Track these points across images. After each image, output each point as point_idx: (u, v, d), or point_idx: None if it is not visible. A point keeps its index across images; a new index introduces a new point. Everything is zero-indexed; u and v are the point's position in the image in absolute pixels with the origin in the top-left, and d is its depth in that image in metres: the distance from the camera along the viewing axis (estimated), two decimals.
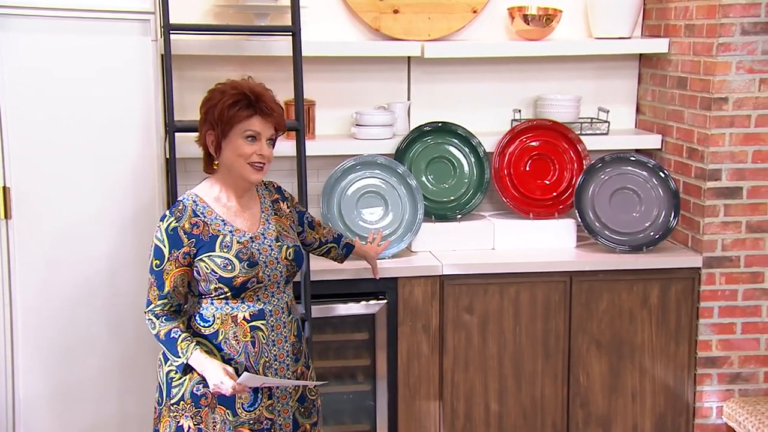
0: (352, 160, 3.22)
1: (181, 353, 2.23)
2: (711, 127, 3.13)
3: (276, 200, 2.44)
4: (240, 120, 2.25)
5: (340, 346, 3.16)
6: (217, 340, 2.27)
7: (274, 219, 2.38)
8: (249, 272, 2.25)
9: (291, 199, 2.50)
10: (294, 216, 2.49)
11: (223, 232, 2.27)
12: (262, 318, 2.29)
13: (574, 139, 3.39)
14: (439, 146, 3.34)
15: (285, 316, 2.33)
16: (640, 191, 3.28)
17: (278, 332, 2.31)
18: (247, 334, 2.27)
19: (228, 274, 2.24)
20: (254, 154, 2.26)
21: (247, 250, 2.26)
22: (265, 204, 2.39)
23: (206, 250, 2.25)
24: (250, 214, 2.34)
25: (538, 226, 3.34)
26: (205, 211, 2.29)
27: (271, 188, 2.46)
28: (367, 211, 3.19)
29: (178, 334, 2.24)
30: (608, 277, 3.17)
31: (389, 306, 3.07)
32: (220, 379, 2.18)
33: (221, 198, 2.31)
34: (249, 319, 2.27)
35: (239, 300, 2.27)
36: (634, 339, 3.22)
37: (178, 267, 2.25)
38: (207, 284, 2.26)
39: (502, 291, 3.14)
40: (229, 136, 2.26)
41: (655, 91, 3.51)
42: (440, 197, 3.34)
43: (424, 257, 3.19)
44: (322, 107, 3.38)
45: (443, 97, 3.47)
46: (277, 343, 2.31)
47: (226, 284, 2.25)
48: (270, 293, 2.31)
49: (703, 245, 3.21)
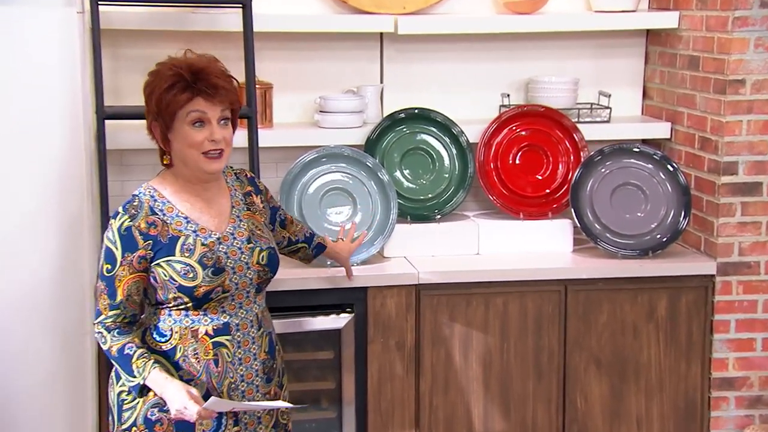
0: (315, 151, 3.21)
1: (136, 372, 2.22)
2: (726, 113, 3.14)
3: (248, 193, 2.43)
4: (180, 104, 2.24)
5: (300, 366, 3.14)
6: (174, 358, 2.27)
7: (246, 216, 2.37)
8: (214, 280, 2.25)
9: (265, 192, 2.50)
10: (267, 212, 2.49)
11: (185, 233, 2.27)
12: (226, 333, 2.28)
13: (571, 127, 3.40)
14: (416, 136, 3.35)
15: (254, 330, 2.33)
16: (646, 187, 3.29)
17: (246, 349, 2.31)
18: (208, 351, 2.27)
19: (189, 282, 2.23)
20: (206, 141, 2.25)
21: (212, 254, 2.26)
22: (235, 198, 2.38)
23: (165, 253, 2.24)
24: (217, 210, 2.33)
25: (529, 228, 3.34)
26: (164, 208, 2.28)
27: (242, 179, 2.44)
28: (333, 211, 3.20)
29: (133, 350, 2.23)
30: (609, 285, 3.18)
31: (357, 320, 3.08)
32: (184, 404, 2.17)
33: (183, 192, 2.31)
34: (212, 333, 2.27)
35: (201, 312, 2.27)
36: (638, 357, 3.23)
37: (133, 273, 2.24)
38: (165, 293, 2.26)
39: (488, 302, 3.14)
40: (173, 126, 2.26)
41: (663, 73, 3.53)
42: (417, 195, 3.35)
43: (397, 263, 3.19)
44: (280, 91, 3.36)
45: (420, 79, 3.48)
46: (244, 361, 2.31)
47: (186, 294, 2.24)
48: (237, 304, 2.31)
49: (717, 249, 3.22)
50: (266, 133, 3.21)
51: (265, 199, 2.49)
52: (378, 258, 3.23)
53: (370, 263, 3.17)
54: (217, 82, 2.25)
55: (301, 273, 3.01)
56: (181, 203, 2.31)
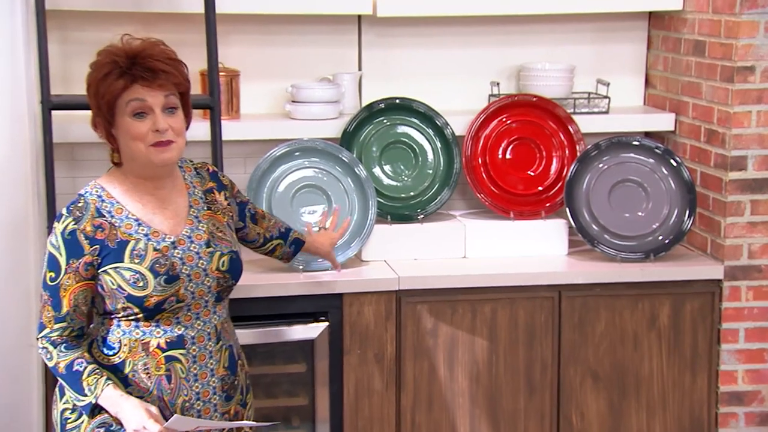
0: (286, 145, 3.20)
1: (87, 391, 2.20)
2: (734, 103, 3.14)
3: (210, 189, 2.41)
4: (117, 93, 2.22)
5: (269, 381, 3.13)
6: (123, 372, 2.26)
7: (207, 215, 2.35)
8: (166, 289, 2.24)
9: (230, 187, 2.48)
10: (234, 209, 2.47)
11: (136, 237, 2.25)
12: (181, 346, 2.28)
13: (566, 119, 3.40)
14: (397, 128, 3.35)
15: (212, 343, 2.32)
16: (647, 184, 3.29)
17: (202, 364, 2.30)
18: (160, 366, 2.26)
19: (139, 292, 2.22)
20: (150, 132, 2.22)
21: (165, 261, 2.24)
22: (194, 196, 2.37)
23: (112, 260, 2.23)
24: (173, 210, 2.32)
25: (521, 229, 3.34)
26: (112, 209, 2.26)
27: (203, 174, 2.43)
28: (306, 210, 3.19)
29: (83, 367, 2.23)
30: (607, 291, 3.18)
31: (332, 330, 3.07)
32: (143, 423, 2.16)
33: (134, 191, 2.29)
34: (164, 347, 2.27)
35: (153, 323, 2.26)
36: (639, 370, 3.23)
37: (79, 281, 2.23)
38: (113, 303, 2.25)
39: (475, 310, 3.13)
40: (115, 119, 2.24)
41: (667, 59, 3.53)
42: (398, 192, 3.34)
43: (376, 268, 3.18)
44: (248, 79, 3.35)
45: (402, 66, 3.48)
46: (200, 377, 2.30)
47: (135, 304, 2.23)
48: (194, 315, 2.29)
49: (724, 251, 3.21)
50: (232, 125, 3.21)
51: (230, 195, 2.47)
52: (355, 262, 3.22)
53: (347, 267, 3.15)
54: (156, 65, 2.22)
55: (270, 278, 2.99)
56: (131, 204, 2.29)
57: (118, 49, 2.24)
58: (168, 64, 2.24)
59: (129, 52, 2.22)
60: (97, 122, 2.27)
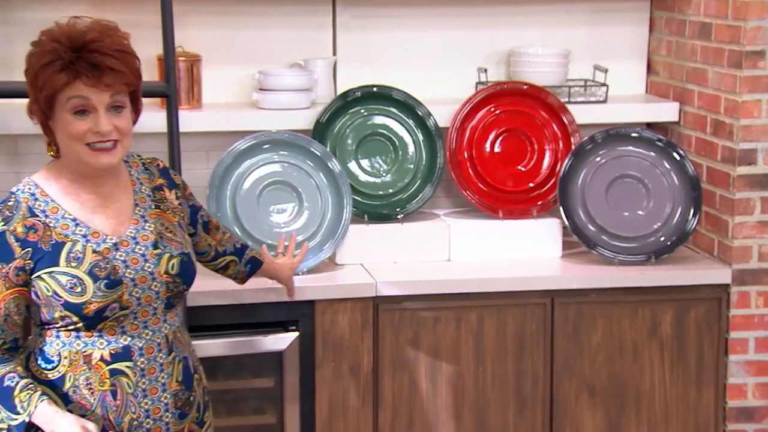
0: (253, 137, 3.18)
1: (20, 408, 2.16)
2: (742, 91, 3.14)
3: (159, 187, 2.39)
4: (58, 88, 2.17)
5: (234, 397, 3.11)
6: (63, 388, 2.23)
7: (154, 215, 2.33)
8: (108, 295, 2.21)
9: (182, 187, 2.47)
10: (185, 211, 2.46)
11: (73, 238, 2.22)
12: (127, 358, 2.25)
13: (560, 108, 3.40)
14: (375, 119, 3.34)
15: (163, 355, 2.30)
16: (648, 180, 3.29)
17: (152, 378, 2.28)
18: (104, 381, 2.23)
19: (76, 298, 2.19)
20: (89, 132, 2.20)
21: (106, 264, 2.22)
22: (141, 194, 2.35)
23: (47, 263, 2.20)
24: (116, 209, 2.29)
25: (510, 229, 3.34)
26: (47, 208, 2.23)
27: (152, 170, 2.41)
28: (275, 209, 3.19)
29: (14, 382, 2.19)
30: (604, 297, 3.18)
31: (303, 340, 3.06)
32: None
33: (72, 188, 2.27)
34: (109, 359, 2.24)
35: (95, 333, 2.23)
36: (639, 383, 3.23)
37: (10, 287, 2.20)
38: (50, 311, 2.22)
39: (460, 318, 3.12)
40: (54, 113, 2.20)
41: (670, 43, 3.53)
42: (375, 189, 3.33)
43: (352, 272, 3.19)
44: (211, 64, 3.34)
45: (381, 51, 3.47)
46: (150, 393, 2.27)
47: (73, 312, 2.20)
48: (141, 323, 2.27)
49: (732, 254, 3.21)
50: (193, 116, 3.20)
51: (182, 195, 2.45)
52: (328, 265, 3.21)
53: (319, 272, 3.15)
54: (103, 60, 2.17)
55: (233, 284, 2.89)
56: (68, 202, 2.25)
57: (62, 34, 2.18)
58: (118, 58, 2.18)
59: (74, 40, 2.16)
60: (33, 110, 2.23)
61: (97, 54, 2.14)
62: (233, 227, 3.11)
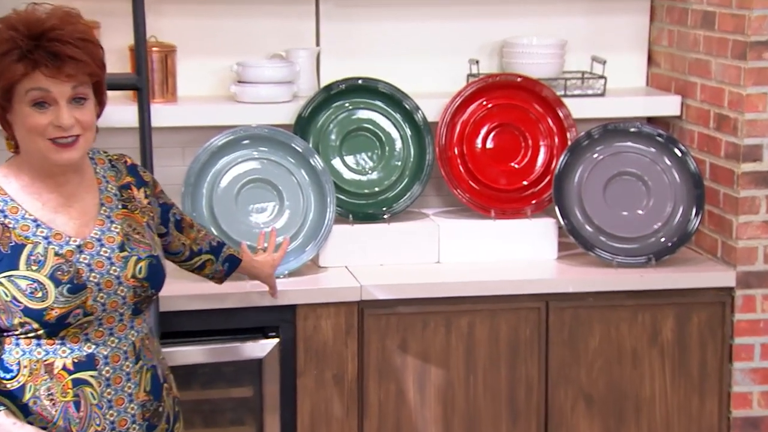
0: (231, 132, 3.18)
1: None
2: (747, 84, 3.14)
3: (127, 185, 2.38)
4: (15, 79, 2.15)
5: (210, 408, 3.12)
6: (23, 399, 2.21)
7: (121, 215, 2.32)
8: (71, 300, 2.19)
9: (152, 185, 2.46)
10: (155, 210, 2.45)
11: (34, 240, 2.20)
12: (91, 367, 2.23)
13: (555, 102, 3.40)
14: (360, 113, 3.34)
15: (130, 363, 2.28)
16: (648, 178, 3.30)
17: (118, 388, 2.26)
18: (67, 391, 2.21)
19: (37, 304, 2.17)
20: (50, 127, 2.18)
21: (69, 267, 2.20)
22: (106, 192, 2.33)
23: (6, 267, 2.18)
24: (80, 209, 2.28)
25: (503, 230, 3.34)
26: (6, 208, 2.22)
27: (120, 167, 2.40)
28: (255, 208, 3.18)
29: None
30: (602, 301, 3.19)
31: (284, 347, 3.06)
32: None
33: (33, 186, 2.25)
34: (72, 368, 2.22)
35: (57, 341, 2.22)
36: (639, 391, 3.23)
37: None
38: (9, 317, 2.20)
39: (450, 323, 3.12)
40: (12, 105, 2.18)
41: (672, 33, 3.52)
42: (361, 188, 3.33)
43: (336, 275, 3.19)
44: (187, 56, 3.34)
45: (366, 42, 3.47)
46: (115, 403, 2.26)
47: (34, 319, 2.18)
48: (107, 330, 2.25)
49: (737, 255, 3.21)
50: (168, 110, 3.20)
51: (152, 193, 2.43)
52: (311, 268, 3.21)
53: (301, 274, 3.15)
54: (64, 50, 2.14)
55: (209, 288, 2.92)
56: (29, 201, 2.23)
57: (19, 21, 2.15)
58: (79, 47, 2.16)
59: (32, 28, 2.13)
60: None
61: (57, 43, 2.12)
62: (210, 227, 3.09)
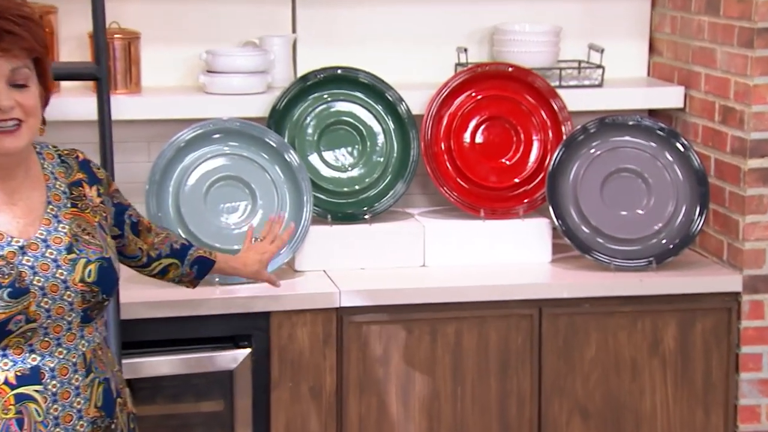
0: (199, 126, 3.18)
1: None
2: (754, 73, 3.14)
3: (78, 182, 2.34)
4: None
5: (177, 424, 3.13)
6: None
7: (70, 214, 2.29)
8: (11, 306, 2.15)
9: (106, 183, 2.42)
10: (108, 210, 2.42)
11: None
12: (36, 381, 2.20)
13: (549, 93, 3.40)
14: (339, 105, 3.34)
15: (80, 376, 2.24)
16: (648, 175, 3.30)
17: (65, 403, 2.22)
18: (9, 408, 2.17)
19: None
20: None
21: (10, 269, 2.17)
22: (54, 189, 2.30)
23: None
24: (25, 207, 2.24)
25: (493, 231, 3.34)
26: None
27: (71, 163, 2.37)
28: (225, 208, 3.17)
29: None
30: (599, 308, 3.19)
31: (256, 357, 3.05)
32: None
33: None
34: (14, 383, 2.18)
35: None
36: (639, 405, 3.23)
37: None
38: None
39: (435, 331, 3.12)
40: None
41: (675, 19, 3.52)
42: (340, 186, 3.33)
43: (313, 280, 3.20)
44: (151, 43, 3.34)
45: (346, 29, 3.48)
46: (63, 420, 2.21)
47: None
48: (53, 340, 2.22)
49: (743, 258, 3.21)
50: (131, 101, 3.20)
51: (106, 192, 2.40)
52: (286, 272, 3.19)
53: None
54: (2, 25, 2.11)
55: (176, 293, 2.90)
56: None
57: None
58: (18, 24, 2.13)
59: None
60: None
61: None
62: (177, 229, 3.07)
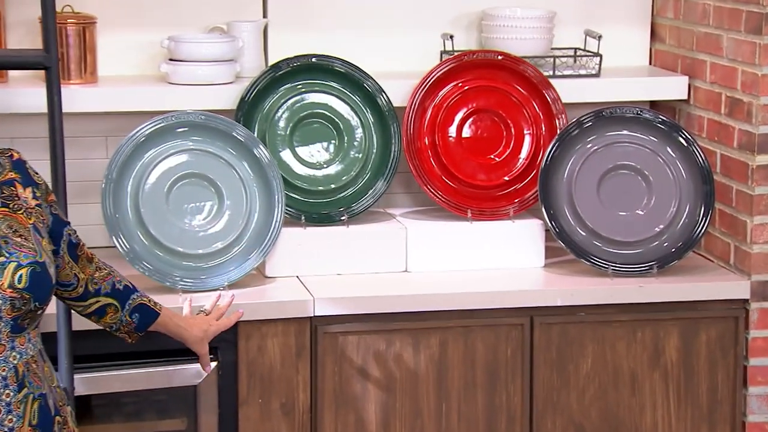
0: (161, 119, 3.17)
1: None
2: (763, 62, 3.14)
3: (10, 182, 2.35)
4: None
5: None
6: None
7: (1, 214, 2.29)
8: None
9: (44, 189, 2.43)
10: (46, 218, 2.41)
11: None
12: None
13: (542, 84, 3.40)
14: (313, 97, 3.34)
15: (11, 392, 2.24)
16: (648, 172, 3.31)
17: None
18: None
19: None
20: None
21: None
22: None
23: None
24: None
25: (481, 233, 3.35)
26: None
27: (3, 161, 2.37)
28: (189, 209, 3.16)
29: None
30: (595, 317, 3.20)
31: (223, 372, 3.06)
32: None
33: None
34: None
35: None
36: (639, 422, 3.23)
37: None
38: None
39: (418, 342, 3.12)
40: None
41: (678, 3, 3.56)
42: (315, 185, 3.34)
43: (285, 287, 3.20)
44: (109, 29, 3.35)
45: (321, 13, 3.49)
46: None
47: None
48: None
49: (751, 262, 3.21)
50: (86, 92, 3.20)
51: (43, 198, 2.39)
52: (256, 278, 3.21)
53: (244, 286, 3.14)
54: None
55: None
56: None
57: None
58: None
59: None
60: None
61: None
62: (136, 235, 3.06)
